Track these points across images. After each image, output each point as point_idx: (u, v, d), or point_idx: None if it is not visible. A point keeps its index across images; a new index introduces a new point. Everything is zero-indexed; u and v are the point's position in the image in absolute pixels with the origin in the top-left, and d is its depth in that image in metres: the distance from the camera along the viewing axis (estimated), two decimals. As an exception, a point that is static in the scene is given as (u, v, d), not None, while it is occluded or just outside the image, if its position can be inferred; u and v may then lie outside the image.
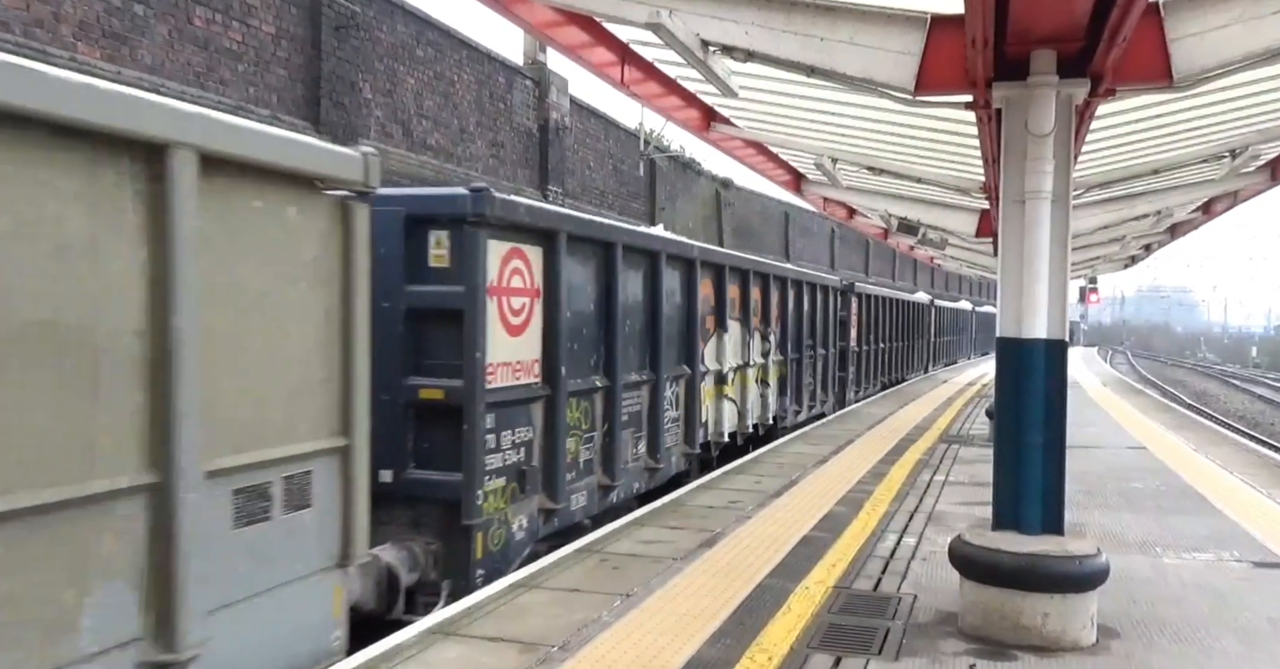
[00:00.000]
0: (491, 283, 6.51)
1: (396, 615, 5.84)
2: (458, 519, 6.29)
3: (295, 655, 4.60)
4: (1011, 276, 5.10)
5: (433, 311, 6.40)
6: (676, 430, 10.02)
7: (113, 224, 3.69)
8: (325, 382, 4.81)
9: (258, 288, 4.40)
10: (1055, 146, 4.97)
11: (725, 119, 8.75)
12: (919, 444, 12.71)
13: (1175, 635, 4.98)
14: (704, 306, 10.67)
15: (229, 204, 4.20)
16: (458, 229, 6.34)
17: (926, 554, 6.64)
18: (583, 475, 7.89)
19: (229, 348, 4.21)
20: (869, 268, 43.55)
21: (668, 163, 24.78)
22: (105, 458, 3.67)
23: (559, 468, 7.33)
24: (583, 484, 7.89)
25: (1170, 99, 6.51)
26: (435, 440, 6.42)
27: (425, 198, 6.65)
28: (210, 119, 4.07)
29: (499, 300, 6.64)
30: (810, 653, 4.67)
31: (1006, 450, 5.16)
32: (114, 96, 3.68)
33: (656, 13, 4.91)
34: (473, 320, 6.33)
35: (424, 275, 6.41)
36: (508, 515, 6.77)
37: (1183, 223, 14.59)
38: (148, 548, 3.84)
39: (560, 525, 7.49)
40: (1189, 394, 37.79)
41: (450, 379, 6.33)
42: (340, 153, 4.92)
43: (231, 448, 4.20)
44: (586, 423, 8.00)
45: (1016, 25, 4.55)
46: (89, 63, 9.54)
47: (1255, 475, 10.18)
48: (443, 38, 15.63)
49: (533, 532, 7.12)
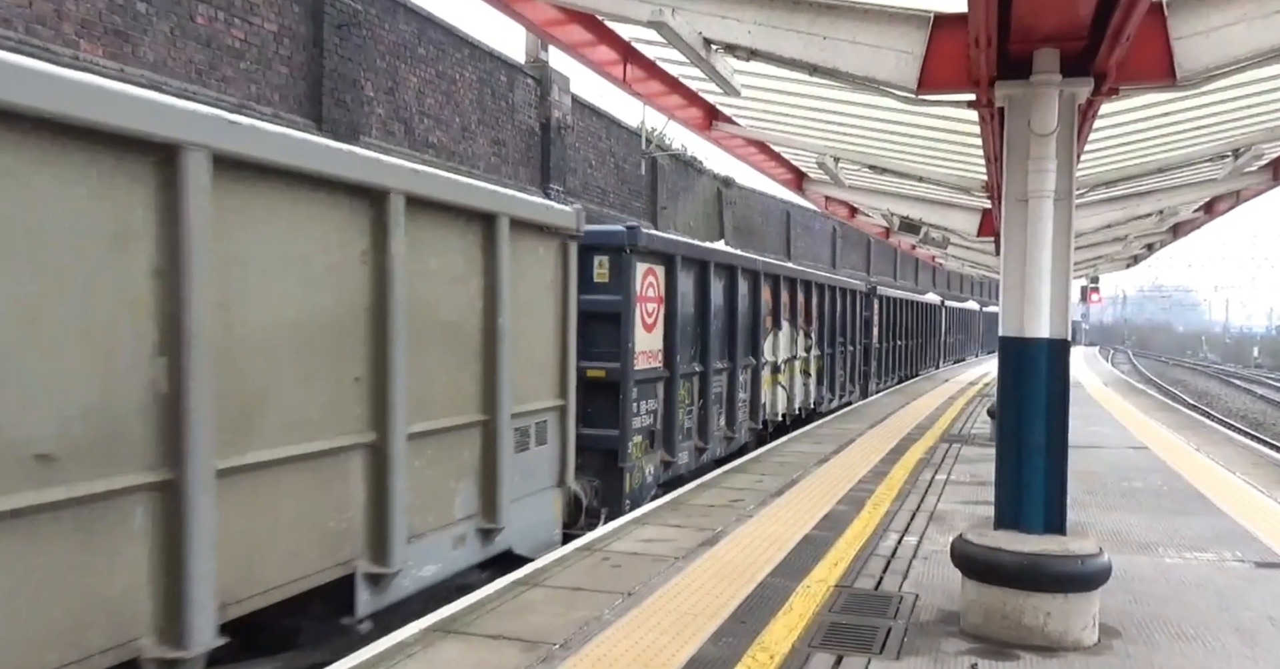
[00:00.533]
0: (636, 293, 9.10)
1: (576, 529, 8.05)
2: (615, 463, 9.00)
3: (538, 539, 7.23)
4: (1014, 276, 5.09)
5: (596, 314, 8.80)
6: (745, 409, 12.65)
7: (474, 265, 6.35)
8: (553, 362, 7.48)
9: (528, 300, 6.98)
10: (1058, 146, 4.95)
11: (727, 118, 8.74)
12: (921, 443, 12.70)
13: (1177, 635, 4.98)
14: (765, 309, 13.30)
15: (518, 247, 6.72)
16: (616, 255, 8.94)
17: (928, 553, 6.63)
18: (686, 439, 10.59)
19: (518, 338, 6.72)
20: (870, 267, 43.52)
21: (669, 161, 24.77)
22: (467, 403, 6.27)
23: (674, 431, 10.09)
24: (686, 445, 10.60)
25: (1173, 98, 6.50)
26: (598, 407, 8.94)
27: (594, 232, 8.71)
28: (517, 199, 6.84)
29: (640, 306, 9.22)
30: (812, 652, 4.67)
31: (1008, 449, 5.15)
32: (479, 191, 6.37)
33: (659, 11, 4.90)
34: (626, 320, 8.98)
35: (590, 288, 8.80)
36: (643, 463, 9.47)
37: (1185, 222, 14.58)
38: (481, 459, 6.43)
39: (671, 475, 10.13)
40: (1190, 394, 37.77)
41: (610, 362, 8.97)
42: (565, 211, 7.53)
43: (516, 402, 6.72)
44: (689, 399, 10.65)
45: (1019, 24, 4.55)
46: (91, 60, 9.54)
47: (1257, 475, 10.18)
48: (445, 36, 15.63)
49: (657, 477, 9.84)
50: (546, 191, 18.38)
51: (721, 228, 27.78)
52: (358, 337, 5.24)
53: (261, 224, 4.58)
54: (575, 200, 19.10)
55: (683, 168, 25.92)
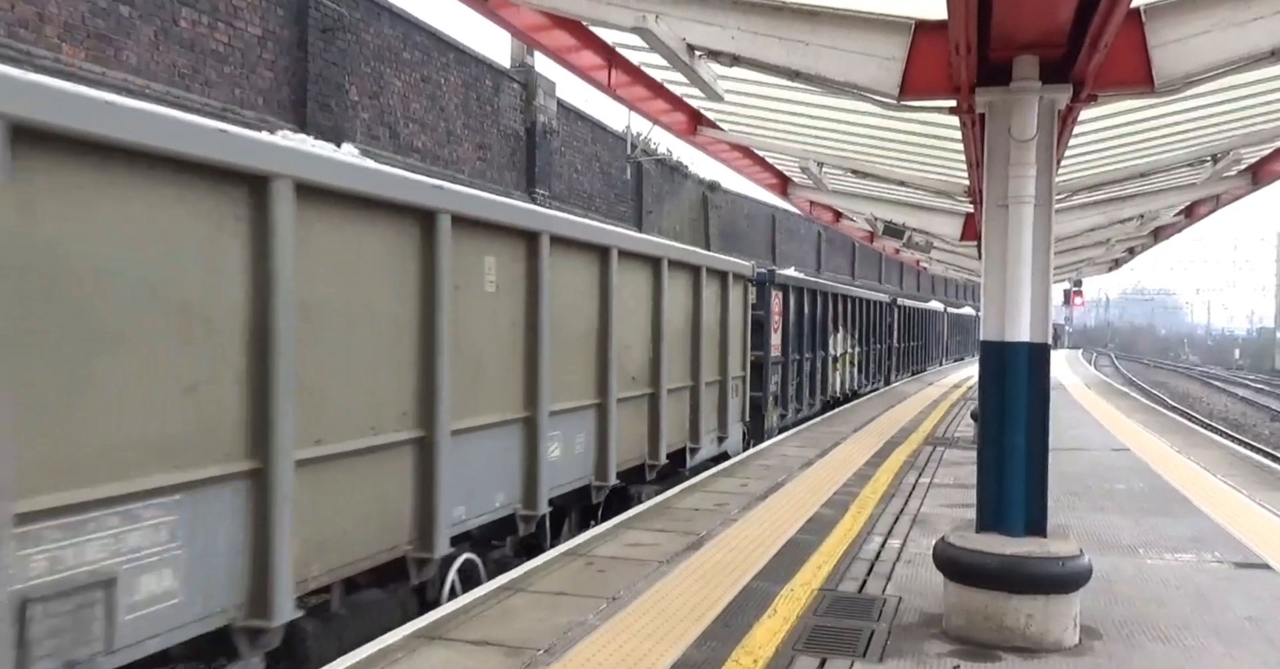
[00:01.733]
0: (772, 309, 14.87)
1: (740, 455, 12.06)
2: (760, 411, 14.41)
3: (736, 450, 12.48)
4: (995, 280, 5.13)
5: (753, 322, 13.52)
6: (819, 385, 18.55)
7: (716, 296, 11.76)
8: (740, 348, 12.65)
9: (738, 311, 12.47)
10: (1038, 151, 5.00)
11: (711, 122, 8.77)
12: (905, 446, 12.76)
13: (1157, 636, 5.02)
14: (829, 317, 19.14)
15: (723, 288, 11.92)
16: (760, 286, 14.38)
17: (911, 556, 6.67)
18: (791, 402, 16.49)
19: (733, 335, 12.19)
20: (855, 271, 43.65)
21: (655, 166, 24.81)
22: (712, 370, 11.56)
23: (788, 396, 16.09)
24: (791, 407, 16.49)
25: (1152, 104, 6.55)
26: (752, 377, 13.52)
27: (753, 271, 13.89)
28: (713, 257, 11.98)
29: (772, 317, 14.95)
30: (796, 655, 4.69)
31: (990, 452, 5.19)
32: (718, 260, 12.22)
33: (642, 17, 4.92)
34: (766, 326, 14.61)
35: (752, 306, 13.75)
36: (772, 413, 15.13)
37: (1166, 226, 14.70)
38: (719, 399, 11.84)
39: (786, 423, 15.81)
40: (1172, 395, 38.02)
41: (759, 351, 14.22)
42: (746, 264, 13.05)
43: (735, 371, 12.36)
44: (794, 377, 16.62)
45: (999, 31, 4.59)
46: (73, 64, 9.50)
47: (1237, 477, 10.26)
48: (429, 40, 15.63)
49: (779, 424, 15.40)
50: (532, 196, 18.39)
51: (707, 232, 27.84)
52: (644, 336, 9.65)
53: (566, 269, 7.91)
54: (560, 205, 19.11)
55: (668, 172, 25.97)
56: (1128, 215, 11.58)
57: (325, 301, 5.03)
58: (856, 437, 13.83)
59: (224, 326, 4.41)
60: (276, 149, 4.72)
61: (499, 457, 6.79)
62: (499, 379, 6.78)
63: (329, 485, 5.08)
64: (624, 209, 23.13)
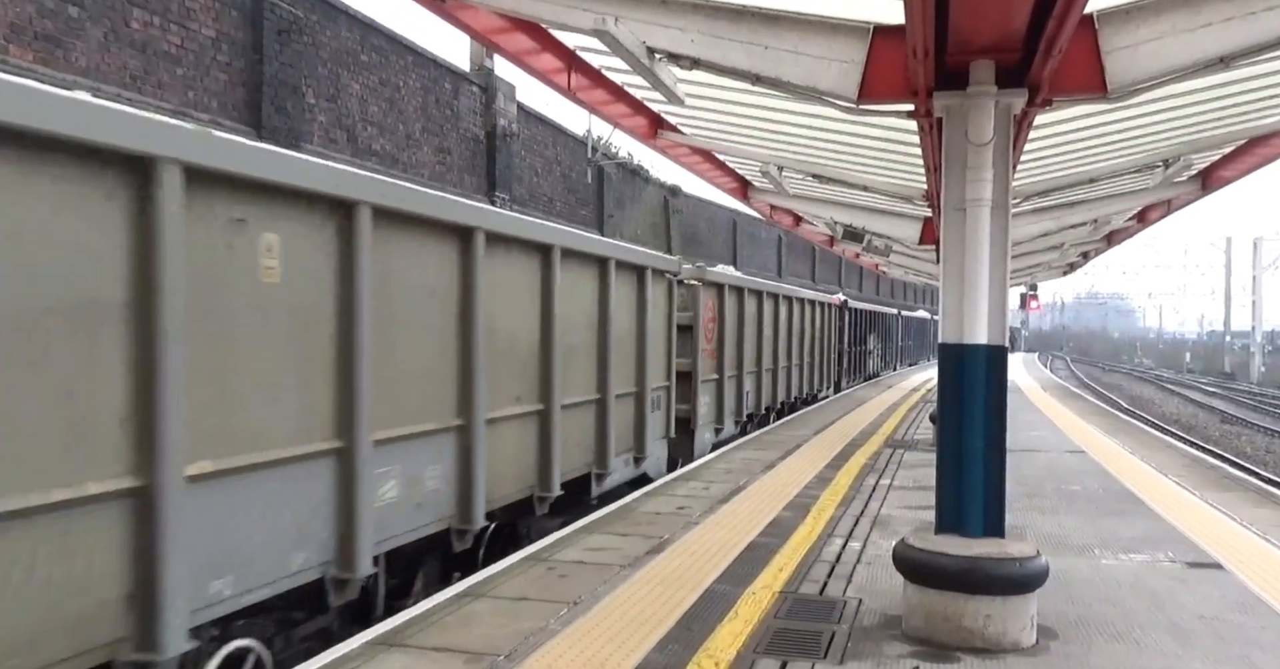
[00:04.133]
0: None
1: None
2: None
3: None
4: (953, 283, 5.17)
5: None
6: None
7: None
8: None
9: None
10: (995, 155, 5.05)
11: (672, 126, 8.78)
12: (865, 448, 12.84)
13: (1112, 635, 5.08)
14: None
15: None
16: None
17: (871, 558, 6.70)
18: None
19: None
20: (815, 275, 43.93)
21: (616, 170, 24.80)
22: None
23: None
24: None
25: (1106, 110, 6.65)
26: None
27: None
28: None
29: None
30: (757, 658, 4.69)
31: (948, 454, 5.22)
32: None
33: (602, 19, 4.90)
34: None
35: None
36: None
37: (1119, 231, 14.94)
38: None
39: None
40: (1125, 398, 38.66)
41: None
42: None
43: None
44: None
45: (956, 36, 4.63)
46: (21, 65, 9.30)
47: (1189, 478, 10.44)
48: (388, 43, 15.50)
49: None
50: (492, 199, 18.30)
51: (668, 236, 27.87)
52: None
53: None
54: (521, 208, 19.04)
55: (629, 176, 25.97)
56: (1081, 220, 11.76)
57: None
58: (817, 439, 13.89)
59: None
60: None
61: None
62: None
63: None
64: (585, 213, 23.09)
